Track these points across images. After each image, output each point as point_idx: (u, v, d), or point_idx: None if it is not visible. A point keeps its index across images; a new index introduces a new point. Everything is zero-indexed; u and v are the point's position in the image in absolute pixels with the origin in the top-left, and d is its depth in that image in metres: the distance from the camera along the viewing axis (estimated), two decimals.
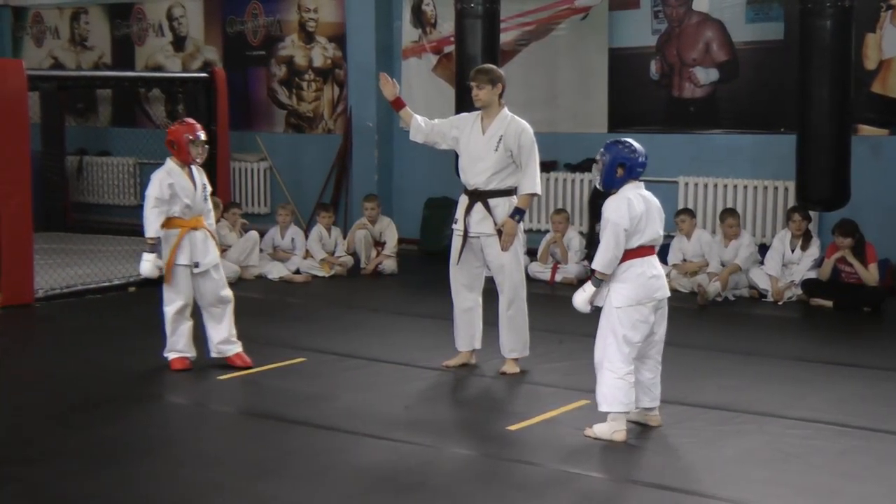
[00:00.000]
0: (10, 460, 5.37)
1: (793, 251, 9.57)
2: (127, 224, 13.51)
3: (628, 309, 5.58)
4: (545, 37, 11.56)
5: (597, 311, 5.73)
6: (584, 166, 11.33)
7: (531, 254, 10.77)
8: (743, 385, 6.74)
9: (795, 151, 9.05)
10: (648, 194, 5.77)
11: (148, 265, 6.95)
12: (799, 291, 9.44)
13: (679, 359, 7.48)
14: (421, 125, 7.17)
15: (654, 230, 5.69)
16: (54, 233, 12.57)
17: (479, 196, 6.91)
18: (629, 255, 5.61)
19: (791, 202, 10.13)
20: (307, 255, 10.98)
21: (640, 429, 5.81)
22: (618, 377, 5.59)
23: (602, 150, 5.77)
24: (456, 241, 7.04)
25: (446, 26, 11.99)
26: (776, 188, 10.39)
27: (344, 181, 12.69)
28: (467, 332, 7.14)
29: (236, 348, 7.15)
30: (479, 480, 5.09)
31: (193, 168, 7.05)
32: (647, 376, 5.76)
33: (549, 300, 9.55)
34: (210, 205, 7.23)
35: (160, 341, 7.14)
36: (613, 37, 11.14)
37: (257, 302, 9.30)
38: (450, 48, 11.90)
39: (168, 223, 6.96)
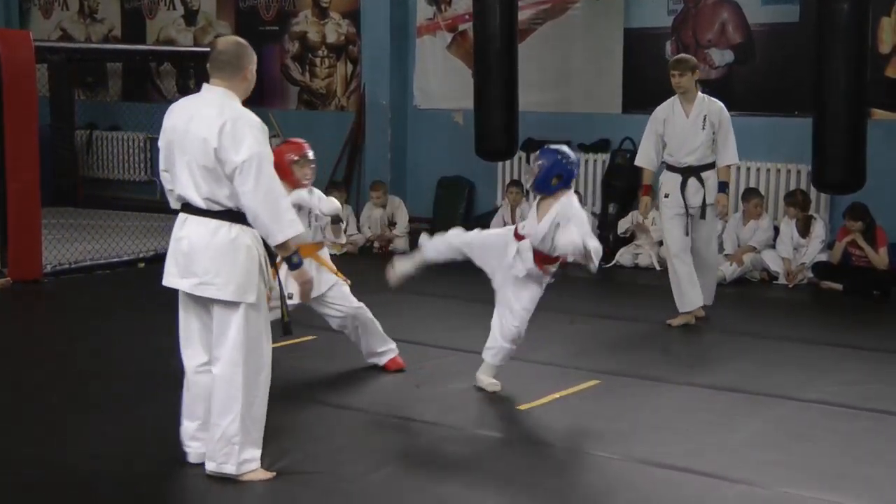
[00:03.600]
0: (27, 443, 5.38)
1: (800, 235, 9.59)
2: (137, 199, 13.52)
3: None
4: (561, 16, 11.49)
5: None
6: (598, 147, 11.31)
7: None
8: (753, 367, 6.74)
9: (811, 134, 9.00)
10: None
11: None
12: (810, 274, 9.44)
13: (691, 341, 7.50)
14: (654, 159, 7.98)
15: None
16: (63, 208, 12.55)
17: (692, 171, 7.73)
18: None
19: (804, 185, 10.11)
20: None
21: (650, 407, 5.82)
22: None
23: (539, 154, 5.97)
24: (675, 213, 7.80)
25: (461, 4, 11.93)
26: (789, 171, 10.35)
27: (356, 159, 12.67)
28: (694, 290, 7.82)
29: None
30: (488, 459, 5.10)
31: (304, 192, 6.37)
32: None
33: (560, 280, 9.49)
34: (330, 234, 6.53)
35: (171, 319, 7.08)
36: (629, 17, 11.08)
37: None
38: (464, 26, 11.85)
39: None
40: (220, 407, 4.60)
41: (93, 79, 15.01)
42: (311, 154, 6.50)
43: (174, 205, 4.76)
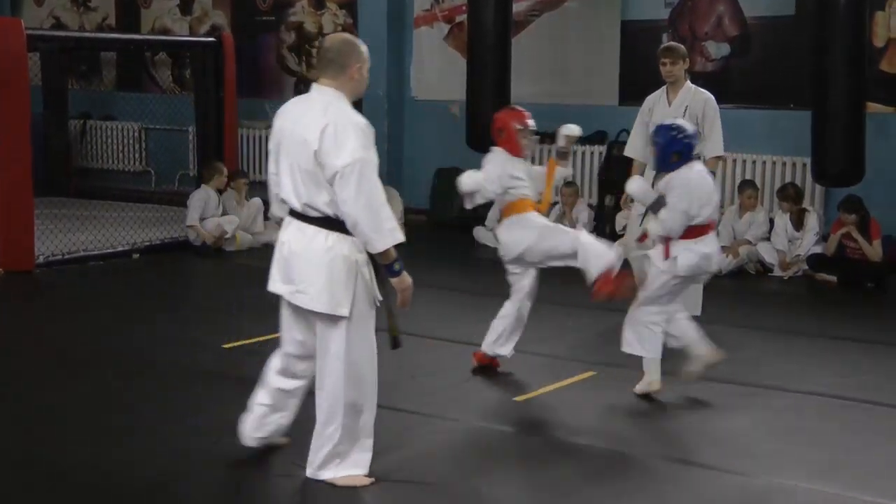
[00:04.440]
0: (26, 442, 5.35)
1: (794, 228, 9.61)
2: (131, 190, 13.48)
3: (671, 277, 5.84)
4: (557, 8, 11.49)
5: None
6: (594, 139, 11.30)
7: None
8: (748, 359, 6.75)
9: (809, 127, 9.02)
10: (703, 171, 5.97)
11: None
12: (805, 266, 9.47)
13: None
14: (642, 150, 7.49)
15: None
16: (56, 198, 12.48)
17: None
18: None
19: (800, 178, 10.13)
20: None
21: (644, 400, 5.84)
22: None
23: (654, 132, 5.96)
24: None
25: None
26: (784, 164, 10.37)
27: None
28: None
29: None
30: (484, 451, 5.11)
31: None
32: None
33: (557, 272, 9.52)
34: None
35: (166, 310, 7.10)
36: (626, 9, 11.09)
37: (263, 270, 9.26)
38: (462, 17, 11.83)
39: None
40: (325, 416, 4.55)
41: (86, 68, 14.95)
42: (532, 124, 6.35)
43: (277, 211, 4.65)
